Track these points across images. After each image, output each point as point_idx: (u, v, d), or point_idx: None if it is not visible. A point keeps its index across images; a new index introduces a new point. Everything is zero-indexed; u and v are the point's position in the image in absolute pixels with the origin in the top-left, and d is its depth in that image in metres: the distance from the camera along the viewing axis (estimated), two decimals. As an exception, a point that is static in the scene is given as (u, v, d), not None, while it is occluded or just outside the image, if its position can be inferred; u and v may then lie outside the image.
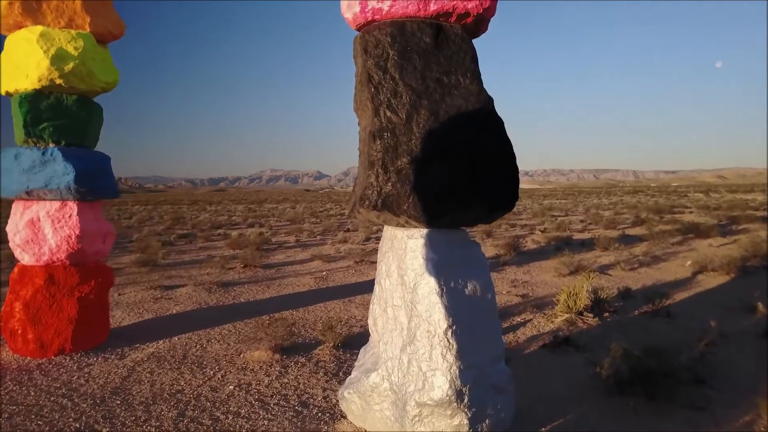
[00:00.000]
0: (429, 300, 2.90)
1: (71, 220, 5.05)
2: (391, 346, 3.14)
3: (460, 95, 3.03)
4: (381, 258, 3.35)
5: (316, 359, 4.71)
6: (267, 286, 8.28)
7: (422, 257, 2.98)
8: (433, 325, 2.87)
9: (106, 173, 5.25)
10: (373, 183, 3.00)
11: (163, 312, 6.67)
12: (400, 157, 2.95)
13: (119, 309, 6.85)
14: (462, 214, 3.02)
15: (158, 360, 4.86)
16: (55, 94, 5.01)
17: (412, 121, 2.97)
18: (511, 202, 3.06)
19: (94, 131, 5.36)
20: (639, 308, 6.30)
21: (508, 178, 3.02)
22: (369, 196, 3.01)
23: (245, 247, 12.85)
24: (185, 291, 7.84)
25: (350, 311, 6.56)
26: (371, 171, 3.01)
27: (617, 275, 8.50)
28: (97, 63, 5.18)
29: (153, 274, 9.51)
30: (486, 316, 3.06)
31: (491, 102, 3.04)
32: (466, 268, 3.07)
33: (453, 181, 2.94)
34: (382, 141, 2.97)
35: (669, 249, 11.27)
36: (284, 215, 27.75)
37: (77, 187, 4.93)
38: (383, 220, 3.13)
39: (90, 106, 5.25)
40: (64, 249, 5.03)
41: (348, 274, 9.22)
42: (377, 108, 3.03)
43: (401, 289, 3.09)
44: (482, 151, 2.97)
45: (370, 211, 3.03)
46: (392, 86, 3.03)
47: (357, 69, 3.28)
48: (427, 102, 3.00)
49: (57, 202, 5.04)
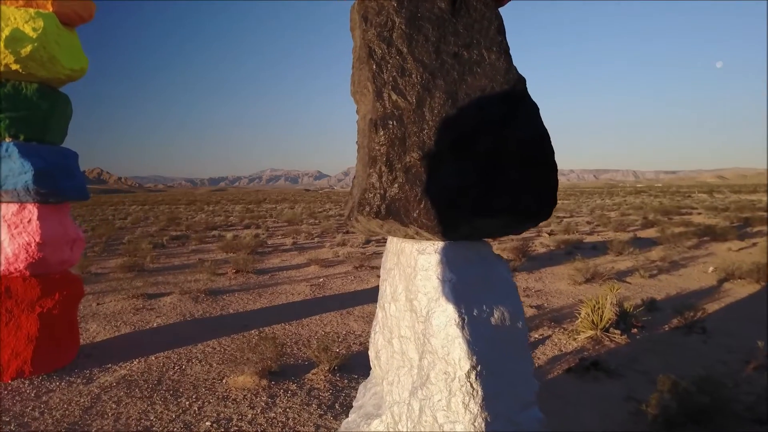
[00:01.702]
0: (446, 333, 2.29)
1: (30, 226, 4.44)
2: (398, 387, 2.53)
3: (483, 74, 2.41)
4: (385, 276, 2.74)
5: (308, 386, 4.09)
6: (259, 294, 7.67)
7: (437, 278, 2.37)
8: (452, 366, 2.25)
9: (71, 172, 4.63)
10: (375, 184, 2.39)
11: (143, 325, 6.06)
12: (408, 152, 2.33)
13: (95, 321, 6.23)
14: (486, 223, 2.41)
15: (129, 385, 4.25)
16: (12, 82, 4.40)
17: (424, 105, 2.36)
18: (547, 208, 2.44)
19: (58, 125, 4.75)
20: (668, 322, 5.69)
21: (544, 178, 2.40)
22: (370, 201, 2.39)
23: (239, 250, 12.23)
24: (170, 300, 7.22)
25: (348, 325, 5.94)
26: (373, 169, 2.40)
27: (637, 283, 7.88)
28: (62, 47, 4.56)
29: (138, 280, 8.89)
30: (516, 352, 2.44)
31: (523, 82, 2.43)
32: (491, 290, 2.45)
33: (475, 181, 2.32)
34: (387, 131, 2.36)
35: (686, 253, 10.66)
36: (282, 216, 27.12)
37: (37, 187, 4.33)
38: (387, 230, 2.52)
39: (53, 97, 4.63)
40: (22, 258, 4.42)
41: (346, 281, 8.60)
42: (380, 90, 2.42)
43: (410, 316, 2.47)
44: (512, 144, 2.35)
45: (371, 219, 2.42)
46: (399, 62, 2.41)
47: (355, 43, 2.67)
48: (443, 82, 2.38)
49: (14, 204, 4.43)
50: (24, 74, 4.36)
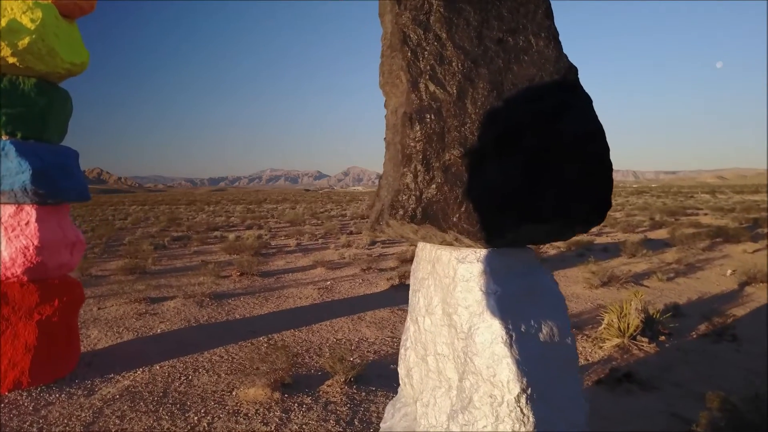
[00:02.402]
0: (492, 352, 2.04)
1: (28, 228, 4.19)
2: (434, 409, 2.28)
3: (531, 62, 2.17)
4: (417, 286, 2.49)
5: (324, 399, 3.85)
6: (265, 298, 7.42)
7: (480, 290, 2.12)
8: (499, 388, 2.01)
9: (71, 172, 4.39)
10: (409, 185, 2.15)
11: (146, 331, 5.81)
12: (448, 149, 2.09)
13: (96, 327, 5.99)
14: (533, 228, 2.16)
15: (133, 398, 4.00)
16: (8, 77, 4.16)
17: (465, 97, 2.12)
18: (601, 212, 2.20)
19: (57, 122, 4.50)
20: (695, 329, 5.44)
21: (598, 179, 2.16)
22: (404, 204, 2.15)
23: (242, 251, 11.98)
24: (173, 305, 6.97)
25: (361, 331, 5.70)
26: (407, 168, 2.16)
27: (655, 287, 7.64)
28: (61, 40, 4.32)
29: (140, 283, 8.65)
30: (566, 371, 2.20)
31: (575, 72, 2.18)
32: (538, 303, 2.21)
33: (522, 182, 2.08)
34: (424, 126, 2.12)
35: (701, 255, 10.42)
36: (284, 216, 26.86)
37: (35, 188, 4.08)
38: (423, 236, 2.27)
39: (52, 92, 4.39)
40: (20, 263, 4.17)
41: (355, 284, 8.35)
42: (415, 80, 2.17)
43: (449, 332, 2.23)
44: (563, 140, 2.11)
45: (404, 223, 2.18)
46: (437, 49, 2.17)
47: (385, 30, 2.43)
48: (487, 71, 2.14)
49: (11, 206, 4.18)
50: (21, 68, 4.12)
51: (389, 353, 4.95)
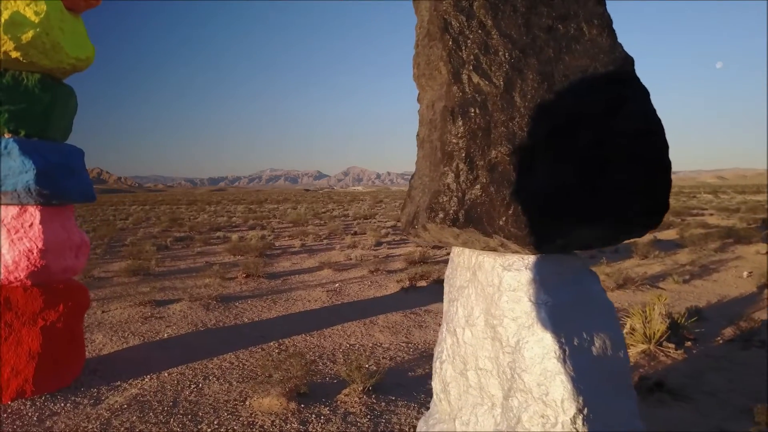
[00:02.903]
0: (544, 368, 1.87)
1: (32, 230, 4.02)
2: (476, 429, 2.11)
3: (583, 51, 2.00)
4: (455, 295, 2.31)
5: (343, 410, 3.67)
6: (273, 301, 7.24)
7: (529, 300, 1.95)
8: (552, 408, 1.83)
9: (76, 171, 4.21)
10: (450, 185, 1.97)
11: (153, 336, 5.64)
12: (495, 146, 1.92)
13: (101, 331, 5.81)
14: (584, 233, 1.99)
15: (141, 408, 3.83)
16: (11, 72, 3.98)
17: (513, 89, 1.94)
18: (658, 215, 2.02)
19: (62, 119, 4.33)
20: (720, 334, 5.27)
21: (656, 179, 1.98)
22: (444, 206, 1.98)
23: (247, 252, 11.80)
24: (179, 308, 6.80)
25: (374, 337, 5.52)
26: (448, 167, 1.98)
27: (672, 289, 7.46)
28: (66, 34, 4.15)
29: (144, 285, 8.47)
30: (620, 387, 2.03)
31: (631, 63, 2.01)
32: (589, 313, 2.04)
33: (575, 182, 1.91)
34: (467, 121, 1.94)
35: (714, 257, 10.24)
36: (286, 216, 26.69)
37: (39, 188, 3.90)
38: (464, 241, 2.10)
39: (56, 89, 4.21)
40: (23, 266, 4.00)
41: (363, 286, 8.18)
42: (457, 71, 2.00)
43: (492, 345, 2.05)
44: (619, 137, 1.94)
45: (445, 227, 2.00)
46: (481, 38, 2.00)
47: (421, 17, 2.25)
48: (536, 61, 1.97)
49: (13, 207, 4.01)
50: (25, 63, 3.94)
51: (406, 360, 4.78)
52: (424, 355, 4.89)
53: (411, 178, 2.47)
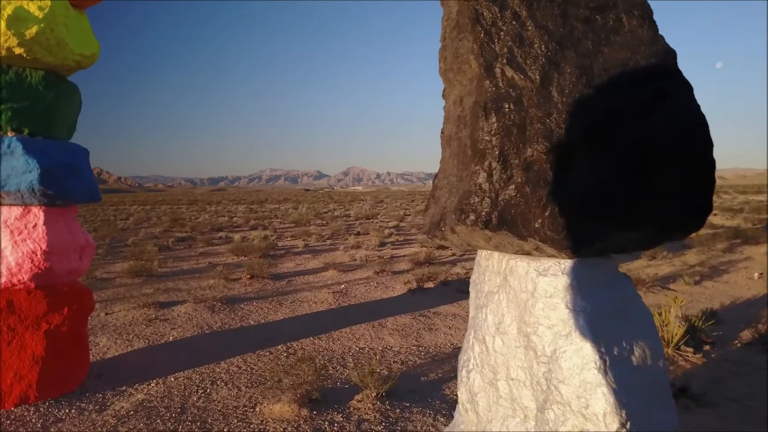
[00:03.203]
0: (583, 379, 1.76)
1: (36, 231, 3.91)
2: (508, 443, 2.00)
3: (623, 43, 1.89)
4: (483, 301, 2.20)
5: (357, 417, 3.56)
6: (279, 302, 7.14)
7: (566, 307, 1.84)
8: (593, 422, 1.72)
9: (81, 171, 4.10)
10: (482, 185, 1.87)
11: (158, 339, 5.53)
12: (530, 143, 1.81)
13: (105, 333, 5.70)
14: (624, 236, 1.88)
15: (148, 414, 3.72)
16: (14, 68, 3.87)
17: (550, 84, 1.84)
18: (701, 217, 1.92)
19: (66, 117, 4.22)
20: (737, 337, 5.16)
21: (700, 179, 1.88)
22: (476, 207, 1.87)
23: (250, 253, 11.70)
24: (184, 310, 6.69)
25: (384, 340, 5.41)
26: (479, 166, 1.88)
27: (683, 290, 7.36)
28: (70, 30, 4.04)
29: (147, 286, 8.36)
30: (660, 399, 1.92)
31: (673, 56, 1.90)
32: (627, 321, 1.93)
33: (615, 182, 1.81)
34: (501, 117, 1.83)
35: (722, 257, 10.13)
36: (287, 216, 26.58)
37: (43, 188, 3.80)
38: (496, 245, 1.99)
39: (61, 86, 4.10)
40: (27, 268, 3.89)
41: (370, 287, 8.07)
42: (490, 65, 1.89)
43: (526, 355, 1.94)
44: (661, 134, 1.83)
45: (476, 230, 1.89)
46: (516, 30, 1.89)
47: (448, 9, 2.14)
48: (574, 54, 1.86)
49: (17, 207, 3.90)
50: (28, 59, 3.83)
51: (417, 364, 4.67)
52: (436, 359, 4.78)
53: (434, 178, 2.37)
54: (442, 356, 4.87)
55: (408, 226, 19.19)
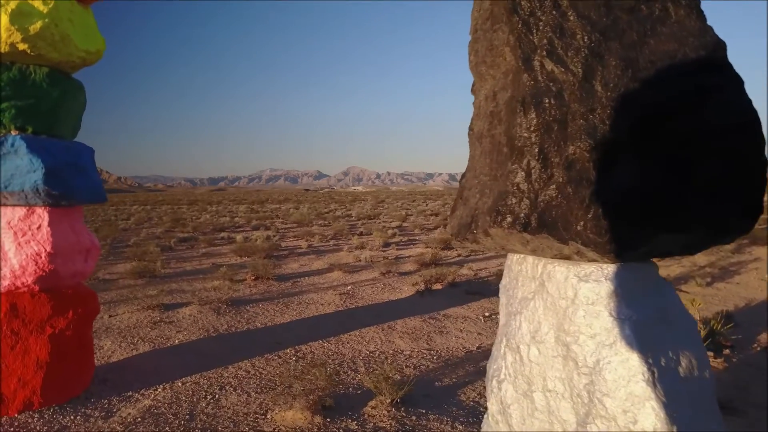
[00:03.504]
0: (629, 392, 1.65)
1: (40, 233, 3.80)
2: (545, 458, 1.89)
3: (670, 35, 1.78)
4: (516, 308, 2.09)
5: (372, 425, 3.45)
6: (285, 304, 7.02)
7: (610, 315, 1.73)
8: (642, 439, 1.61)
9: (86, 170, 3.99)
10: (520, 185, 1.76)
11: (163, 342, 5.42)
12: (572, 140, 1.70)
13: (109, 336, 5.59)
14: (670, 238, 1.77)
15: (156, 421, 3.61)
16: (18, 65, 3.76)
17: (593, 77, 1.73)
18: (751, 219, 1.80)
19: (70, 116, 4.11)
20: (756, 340, 5.05)
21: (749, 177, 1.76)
22: (513, 209, 1.76)
23: (253, 254, 11.58)
24: (189, 312, 6.58)
25: (394, 343, 5.30)
26: (517, 164, 1.76)
27: (696, 292, 7.24)
28: (75, 26, 3.93)
29: (151, 287, 8.25)
30: (707, 411, 1.81)
31: (723, 48, 1.79)
32: (673, 329, 1.82)
33: (662, 181, 1.70)
34: (541, 113, 1.72)
35: (732, 258, 10.03)
36: (289, 216, 26.48)
37: (47, 188, 3.68)
38: (533, 249, 1.88)
39: (65, 83, 3.99)
40: (31, 271, 3.78)
41: (376, 288, 7.96)
42: (528, 57, 1.78)
43: (565, 365, 1.83)
44: (711, 131, 1.72)
45: (513, 233, 1.78)
46: (555, 19, 1.78)
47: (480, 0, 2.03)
48: (618, 45, 1.75)
49: (20, 208, 3.79)
50: (32, 56, 3.72)
51: (430, 368, 4.56)
52: (449, 364, 4.67)
53: (461, 178, 2.26)
54: (455, 360, 4.76)
55: (411, 226, 19.08)
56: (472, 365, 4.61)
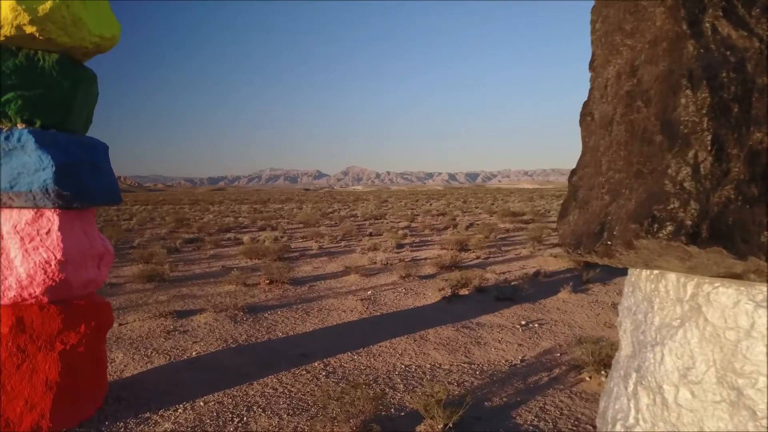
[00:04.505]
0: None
1: (50, 238, 3.40)
2: None
3: None
4: (655, 337, 1.68)
5: (426, 456, 3.06)
6: (305, 311, 6.63)
7: (808, 352, 1.33)
8: None
9: (101, 168, 3.60)
10: (685, 184, 1.35)
11: (179, 354, 5.02)
12: (757, 126, 1.30)
13: (120, 348, 5.20)
14: None
15: (180, 449, 3.22)
16: (25, 51, 3.37)
17: (786, 44, 1.32)
18: None
19: (83, 108, 3.72)
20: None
21: None
22: (675, 214, 1.36)
23: (264, 256, 11.20)
24: (204, 319, 6.18)
25: (429, 355, 4.90)
26: (679, 157, 1.37)
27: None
28: (88, 8, 3.54)
29: (161, 292, 7.86)
30: None
31: None
32: None
33: None
34: (715, 90, 1.32)
35: None
36: (294, 216, 26.09)
37: (58, 188, 3.29)
38: (694, 265, 1.47)
39: (78, 72, 3.60)
40: (39, 280, 3.38)
41: (399, 294, 7.56)
42: (696, 19, 1.38)
43: (734, 414, 1.43)
44: None
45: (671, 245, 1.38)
46: (732, -31, 1.38)
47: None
48: (817, 3, 1.35)
49: (29, 210, 3.39)
50: (41, 40, 3.32)
51: (475, 385, 4.16)
52: (495, 380, 4.28)
53: (571, 176, 1.86)
54: (501, 376, 4.36)
55: (420, 226, 18.69)
56: (520, 381, 4.22)
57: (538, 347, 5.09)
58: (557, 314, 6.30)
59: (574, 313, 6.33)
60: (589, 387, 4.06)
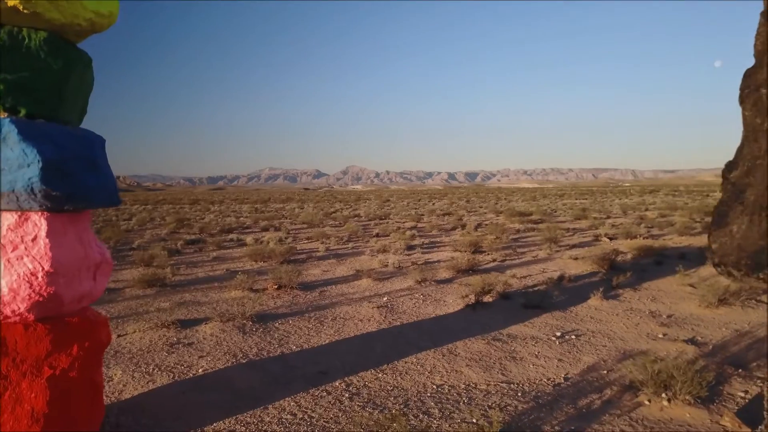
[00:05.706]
0: None
1: (36, 246, 2.92)
2: None
3: None
4: None
5: (482, 507, 2.58)
6: (318, 320, 6.15)
7: None
8: None
9: (97, 165, 3.11)
10: None
11: (185, 371, 4.54)
12: None
13: (119, 363, 4.72)
14: None
15: (189, 493, 2.74)
16: (7, 28, 2.88)
17: None
18: None
19: (77, 96, 3.23)
20: None
21: None
22: None
23: (269, 258, 10.72)
24: (210, 330, 5.70)
25: (462, 373, 4.42)
26: None
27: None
28: (82, -21, 3.05)
29: (162, 298, 7.38)
30: None
31: None
32: None
33: None
34: None
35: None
36: (296, 216, 25.58)
37: (46, 188, 2.81)
38: None
39: (70, 53, 3.11)
40: (24, 295, 2.90)
41: (417, 300, 7.08)
42: None
43: None
44: None
45: None
46: None
47: None
48: None
49: (11, 214, 2.91)
50: (26, 15, 2.84)
51: (520, 410, 3.69)
52: (540, 403, 3.80)
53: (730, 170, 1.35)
54: (546, 398, 3.89)
55: (428, 227, 18.20)
56: (570, 405, 3.75)
57: (581, 363, 4.61)
58: (592, 324, 5.82)
59: (610, 323, 5.85)
60: (650, 413, 3.58)
